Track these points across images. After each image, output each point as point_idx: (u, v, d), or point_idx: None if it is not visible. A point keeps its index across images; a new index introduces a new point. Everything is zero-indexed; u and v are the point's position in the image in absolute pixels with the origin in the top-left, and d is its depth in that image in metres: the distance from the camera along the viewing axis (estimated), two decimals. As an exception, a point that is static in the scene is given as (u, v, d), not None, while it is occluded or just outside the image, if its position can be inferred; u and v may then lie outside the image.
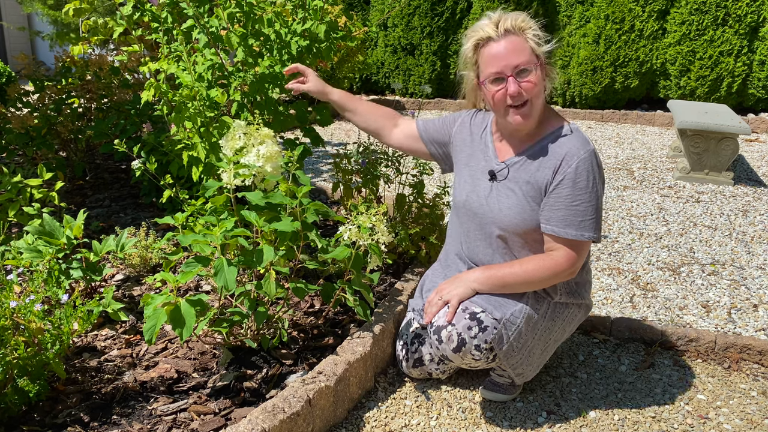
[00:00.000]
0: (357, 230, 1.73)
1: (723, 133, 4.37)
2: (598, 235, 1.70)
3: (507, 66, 1.65)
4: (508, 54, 1.65)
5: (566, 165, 1.66)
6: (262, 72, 2.42)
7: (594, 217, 1.68)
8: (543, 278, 1.71)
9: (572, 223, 1.67)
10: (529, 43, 1.66)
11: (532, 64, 1.65)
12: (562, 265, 1.69)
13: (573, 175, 1.66)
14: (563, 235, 1.68)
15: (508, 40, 1.65)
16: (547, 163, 1.70)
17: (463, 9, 7.92)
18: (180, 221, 1.87)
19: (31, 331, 1.57)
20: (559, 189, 1.67)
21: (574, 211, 1.66)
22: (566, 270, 1.71)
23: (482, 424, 1.79)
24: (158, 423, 1.57)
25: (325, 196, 3.52)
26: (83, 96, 3.48)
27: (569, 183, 1.66)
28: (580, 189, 1.66)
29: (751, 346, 2.12)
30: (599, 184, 1.69)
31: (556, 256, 1.69)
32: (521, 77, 1.65)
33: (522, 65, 1.64)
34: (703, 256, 3.10)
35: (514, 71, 1.65)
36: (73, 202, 3.24)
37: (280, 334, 1.84)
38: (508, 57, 1.65)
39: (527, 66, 1.65)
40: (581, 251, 1.70)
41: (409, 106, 7.82)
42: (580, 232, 1.67)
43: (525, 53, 1.65)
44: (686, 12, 6.90)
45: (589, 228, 1.68)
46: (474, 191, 1.84)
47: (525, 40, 1.66)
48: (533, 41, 1.66)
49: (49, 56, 10.70)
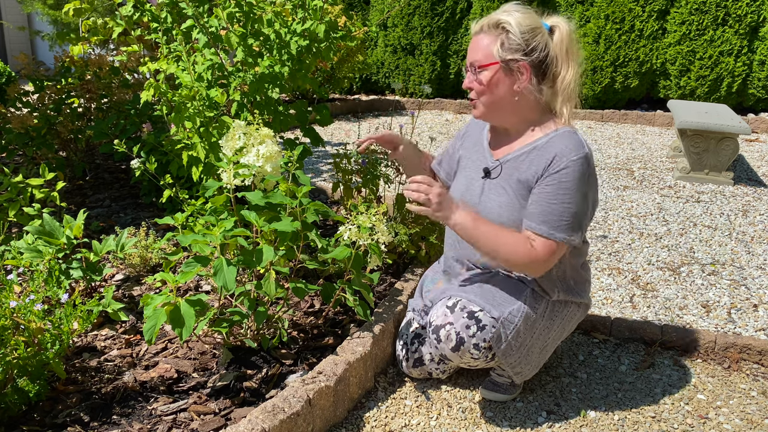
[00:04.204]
0: (357, 230, 1.73)
1: (723, 133, 4.37)
2: (574, 239, 1.67)
3: (467, 59, 1.74)
4: (471, 48, 1.74)
5: (556, 164, 1.66)
6: (262, 72, 2.42)
7: (570, 220, 1.65)
8: (511, 260, 1.67)
9: (548, 220, 1.65)
10: (495, 44, 1.67)
11: (484, 66, 1.68)
12: (536, 258, 1.65)
13: (559, 175, 1.65)
14: (538, 231, 1.66)
15: (478, 35, 1.72)
16: (538, 162, 1.69)
17: (463, 9, 7.92)
18: (180, 221, 1.87)
19: (31, 331, 1.57)
20: (544, 186, 1.67)
21: (552, 210, 1.65)
22: (536, 264, 1.67)
23: (482, 424, 1.79)
24: (158, 423, 1.58)
25: (325, 196, 3.52)
26: (83, 96, 3.48)
27: (554, 181, 1.65)
28: (564, 189, 1.65)
29: (751, 346, 2.12)
30: (586, 189, 1.66)
31: (535, 247, 1.66)
32: (476, 74, 1.71)
33: (475, 63, 1.70)
34: (703, 256, 3.10)
35: (470, 66, 1.72)
36: (73, 202, 3.25)
37: (280, 334, 1.85)
38: (470, 51, 1.74)
39: (479, 65, 1.69)
40: (555, 252, 1.67)
41: (409, 106, 7.82)
42: (553, 232, 1.65)
43: (482, 52, 1.69)
44: (686, 12, 6.90)
45: (564, 229, 1.65)
46: (468, 191, 1.84)
47: (495, 40, 1.68)
48: (501, 44, 1.67)
49: (49, 56, 10.70)
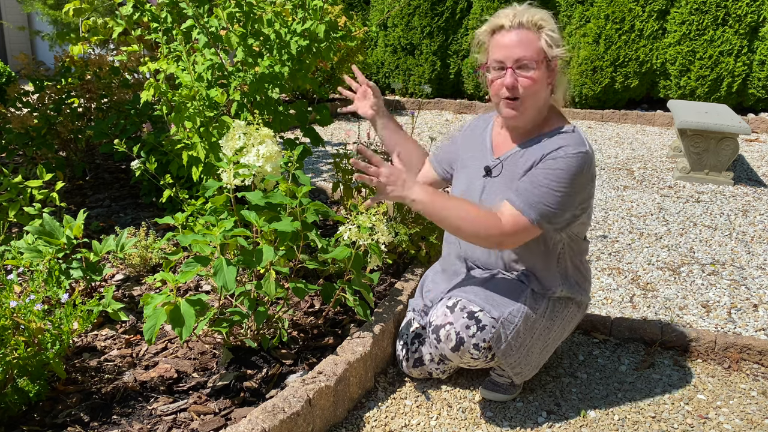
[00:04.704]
0: (357, 230, 1.73)
1: (723, 132, 4.37)
2: (545, 225, 1.65)
3: (509, 57, 1.65)
4: (513, 45, 1.65)
5: (554, 153, 1.66)
6: (262, 72, 2.42)
7: (550, 206, 1.63)
8: (476, 233, 1.64)
9: (527, 199, 1.64)
10: (540, 41, 1.65)
11: (535, 62, 1.64)
12: (502, 230, 1.63)
13: (554, 162, 1.64)
14: (513, 204, 1.65)
15: (519, 32, 1.65)
16: (538, 153, 1.69)
17: (463, 9, 7.91)
18: (180, 221, 1.87)
19: (31, 331, 1.57)
20: (537, 168, 1.67)
21: (536, 190, 1.64)
22: (501, 237, 1.64)
23: (482, 424, 1.79)
24: (158, 423, 1.57)
25: (325, 196, 3.52)
26: (83, 96, 3.47)
27: (546, 166, 1.65)
28: (553, 176, 1.63)
29: (751, 346, 2.12)
30: (576, 184, 1.64)
31: (503, 219, 1.65)
32: (521, 72, 1.65)
33: (524, 60, 1.64)
34: (703, 256, 3.10)
35: (515, 63, 1.65)
36: (73, 202, 3.24)
37: (280, 334, 1.84)
38: (513, 48, 1.65)
39: (529, 62, 1.64)
40: (521, 229, 1.64)
41: (409, 106, 7.82)
42: (528, 210, 1.63)
43: (531, 49, 1.64)
44: (686, 12, 6.90)
45: (539, 212, 1.63)
46: (468, 189, 1.84)
47: (538, 37, 1.65)
48: (545, 40, 1.65)
49: (49, 56, 10.69)
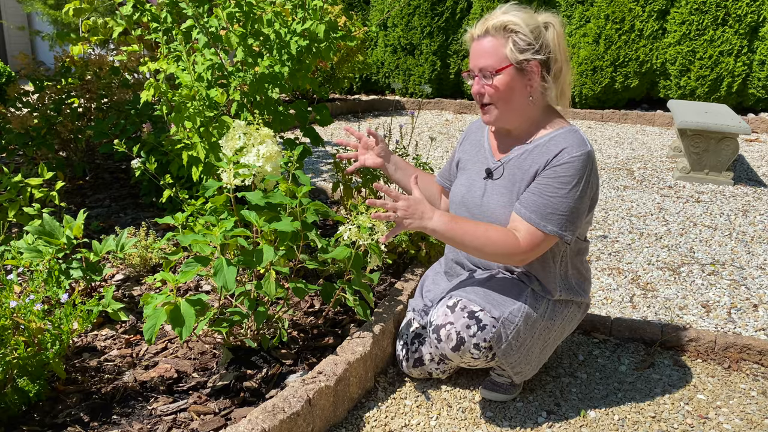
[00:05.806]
0: (357, 230, 1.73)
1: (723, 132, 4.37)
2: (565, 234, 1.66)
3: (475, 65, 1.71)
4: (477, 54, 1.70)
5: (558, 158, 1.66)
6: (262, 72, 2.42)
7: (564, 214, 1.65)
8: (497, 253, 1.66)
9: (540, 211, 1.65)
10: (506, 47, 1.65)
11: (497, 70, 1.66)
12: (520, 248, 1.65)
13: (561, 168, 1.65)
14: (527, 219, 1.66)
15: (484, 40, 1.68)
16: (541, 157, 1.70)
17: (463, 9, 7.92)
18: (180, 221, 1.87)
19: (31, 330, 1.57)
20: (542, 177, 1.67)
21: (547, 201, 1.65)
22: (520, 255, 1.66)
23: (482, 424, 1.79)
24: (158, 423, 1.58)
25: (325, 196, 3.52)
26: (83, 96, 3.48)
27: (553, 174, 1.66)
28: (561, 183, 1.64)
29: (751, 346, 2.12)
30: (585, 186, 1.66)
31: (520, 237, 1.66)
32: (485, 80, 1.68)
33: (486, 68, 1.67)
34: (703, 256, 3.10)
35: (480, 72, 1.69)
36: (73, 202, 3.24)
37: (280, 334, 1.84)
38: (477, 57, 1.70)
39: (491, 70, 1.66)
40: (541, 243, 1.66)
41: (409, 106, 7.82)
42: (544, 223, 1.64)
43: (493, 56, 1.66)
44: (686, 12, 6.90)
45: (555, 223, 1.65)
46: (469, 192, 1.84)
47: (504, 43, 1.65)
48: (510, 47, 1.65)
49: (49, 56, 10.70)
